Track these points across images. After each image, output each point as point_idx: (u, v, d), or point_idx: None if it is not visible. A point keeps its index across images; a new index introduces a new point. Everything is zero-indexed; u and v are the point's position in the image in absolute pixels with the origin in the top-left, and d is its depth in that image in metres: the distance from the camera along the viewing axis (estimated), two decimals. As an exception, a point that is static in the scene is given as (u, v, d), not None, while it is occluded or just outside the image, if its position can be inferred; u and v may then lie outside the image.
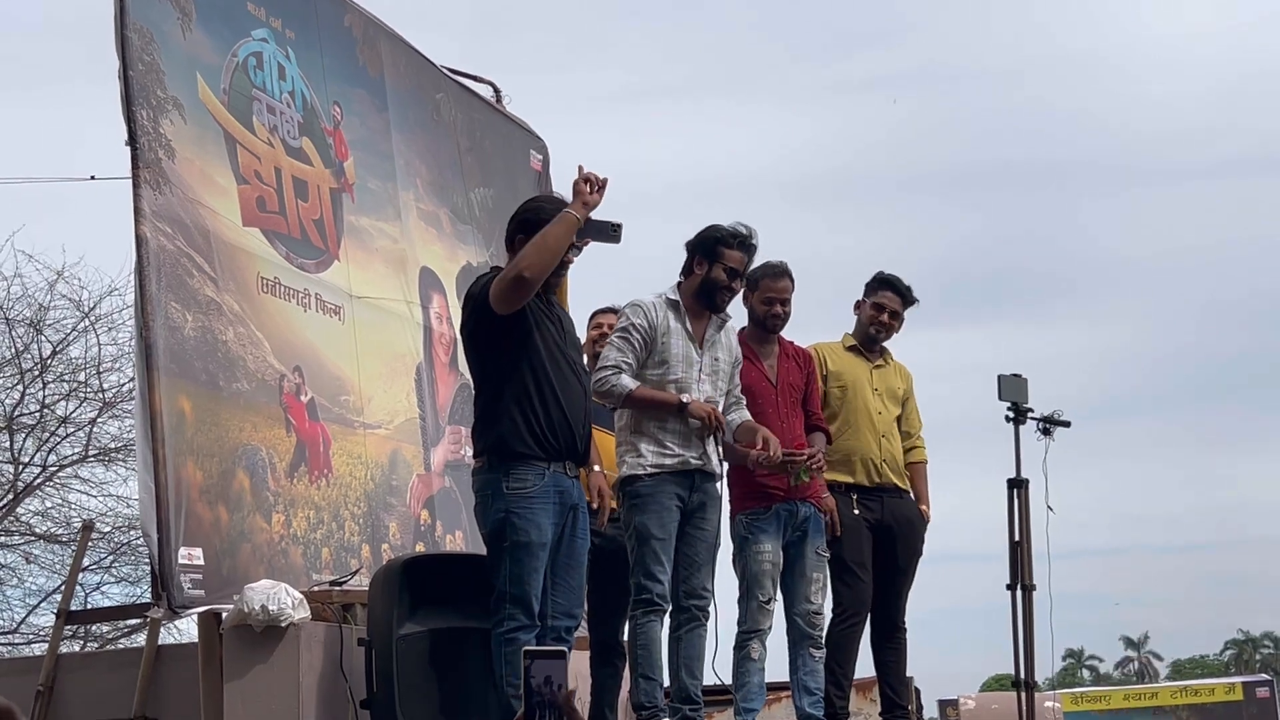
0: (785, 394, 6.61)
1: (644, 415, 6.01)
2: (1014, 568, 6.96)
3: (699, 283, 6.16)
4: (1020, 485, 7.02)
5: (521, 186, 9.72)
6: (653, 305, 6.12)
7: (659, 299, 6.15)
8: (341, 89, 7.79)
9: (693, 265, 6.19)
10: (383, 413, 7.61)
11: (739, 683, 6.33)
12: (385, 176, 8.11)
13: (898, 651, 7.01)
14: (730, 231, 6.14)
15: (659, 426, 6.01)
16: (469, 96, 9.29)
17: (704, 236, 6.17)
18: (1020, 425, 7.05)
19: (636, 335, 6.04)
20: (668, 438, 6.00)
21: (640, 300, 6.15)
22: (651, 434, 6.01)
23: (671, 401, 5.97)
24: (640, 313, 6.09)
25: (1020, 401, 7.06)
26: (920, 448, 7.22)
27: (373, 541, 7.25)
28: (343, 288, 7.42)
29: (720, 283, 6.13)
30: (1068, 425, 7.10)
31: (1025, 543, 6.96)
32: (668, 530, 5.93)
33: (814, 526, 6.54)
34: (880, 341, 7.14)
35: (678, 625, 6.00)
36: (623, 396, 5.96)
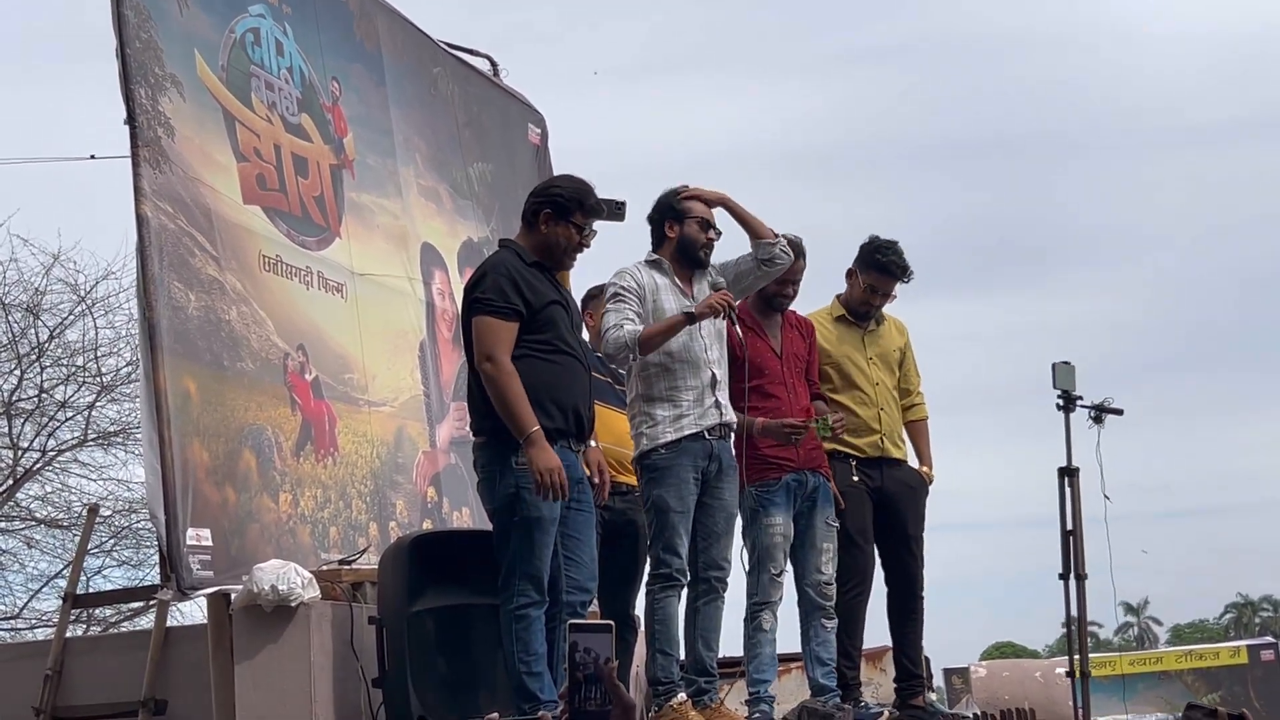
0: (790, 365, 6.57)
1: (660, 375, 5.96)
2: (1066, 557, 6.90)
3: (676, 245, 6.14)
4: (1072, 474, 6.94)
5: (520, 160, 9.68)
6: (637, 268, 6.12)
7: (639, 264, 6.14)
8: (339, 64, 7.74)
9: (664, 231, 6.16)
10: (387, 390, 7.58)
11: (750, 654, 6.30)
12: (385, 152, 8.06)
13: (915, 622, 6.95)
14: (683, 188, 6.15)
15: (671, 387, 5.99)
16: (466, 70, 9.24)
17: (664, 200, 6.16)
18: (1070, 413, 6.97)
19: (630, 295, 6.02)
20: (683, 395, 5.98)
21: (624, 267, 6.14)
22: (665, 396, 5.98)
23: (678, 319, 5.94)
24: (626, 276, 6.09)
25: (1070, 389, 6.98)
26: (920, 404, 7.09)
27: (380, 519, 7.23)
28: (345, 265, 7.38)
29: (698, 240, 6.12)
30: (1120, 413, 7.00)
31: (1078, 531, 6.90)
32: (686, 504, 5.90)
33: (823, 497, 6.51)
34: (872, 316, 7.03)
35: (695, 597, 5.98)
36: (635, 342, 5.90)
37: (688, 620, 6.00)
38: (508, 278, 5.41)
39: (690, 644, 5.98)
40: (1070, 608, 6.90)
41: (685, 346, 6.03)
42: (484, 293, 5.39)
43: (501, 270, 5.44)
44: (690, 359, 6.02)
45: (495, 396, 5.31)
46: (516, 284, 5.41)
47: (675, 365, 6.01)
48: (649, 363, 6.03)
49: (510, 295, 5.39)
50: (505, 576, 5.38)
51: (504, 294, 5.38)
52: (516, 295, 5.40)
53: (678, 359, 6.01)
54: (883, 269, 6.87)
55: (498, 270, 5.44)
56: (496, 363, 5.32)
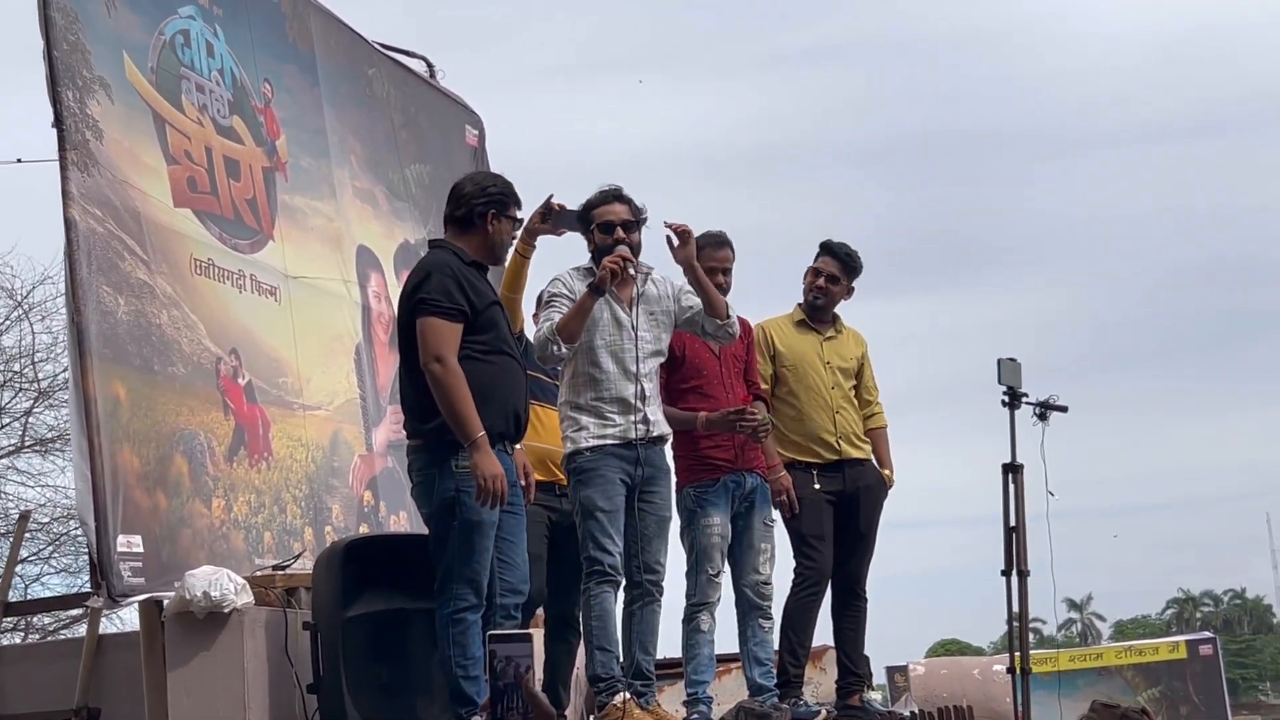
0: (729, 365, 6.57)
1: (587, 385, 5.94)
2: (1009, 554, 6.91)
3: (594, 254, 6.09)
4: (1015, 470, 6.95)
5: (457, 162, 9.63)
6: (570, 275, 6.08)
7: (575, 270, 6.11)
8: (272, 66, 7.68)
9: (586, 242, 6.14)
10: (322, 394, 7.53)
11: (689, 655, 6.30)
12: (319, 154, 8.00)
13: (857, 620, 6.98)
14: (597, 192, 6.08)
15: (597, 398, 5.96)
16: (402, 72, 9.19)
17: (581, 210, 6.10)
18: (1015, 410, 6.98)
19: (562, 299, 5.98)
20: (607, 407, 5.94)
21: (557, 274, 6.13)
22: (590, 406, 5.97)
23: (585, 299, 5.87)
24: (559, 283, 6.08)
25: (1016, 386, 7.00)
26: (879, 413, 7.16)
27: (315, 524, 7.18)
28: (278, 268, 7.32)
29: (603, 244, 6.01)
30: (1065, 410, 7.03)
31: (1021, 528, 6.91)
32: (614, 502, 5.88)
33: (761, 497, 6.51)
34: (824, 309, 7.05)
35: (631, 600, 5.97)
36: (554, 332, 5.84)
37: (624, 625, 5.98)
38: (452, 278, 5.38)
39: (627, 648, 5.96)
40: (1012, 604, 6.92)
41: (615, 357, 5.98)
42: (429, 293, 5.34)
43: (446, 271, 5.40)
44: (618, 371, 5.96)
45: (442, 398, 5.26)
46: (461, 285, 5.38)
47: (602, 376, 5.95)
48: (578, 370, 5.99)
49: (456, 296, 5.36)
50: (442, 580, 5.34)
51: (450, 295, 5.35)
52: (461, 296, 5.36)
53: (604, 370, 5.95)
54: (828, 250, 7.02)
55: (442, 271, 5.40)
56: (445, 364, 5.28)
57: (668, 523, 6.08)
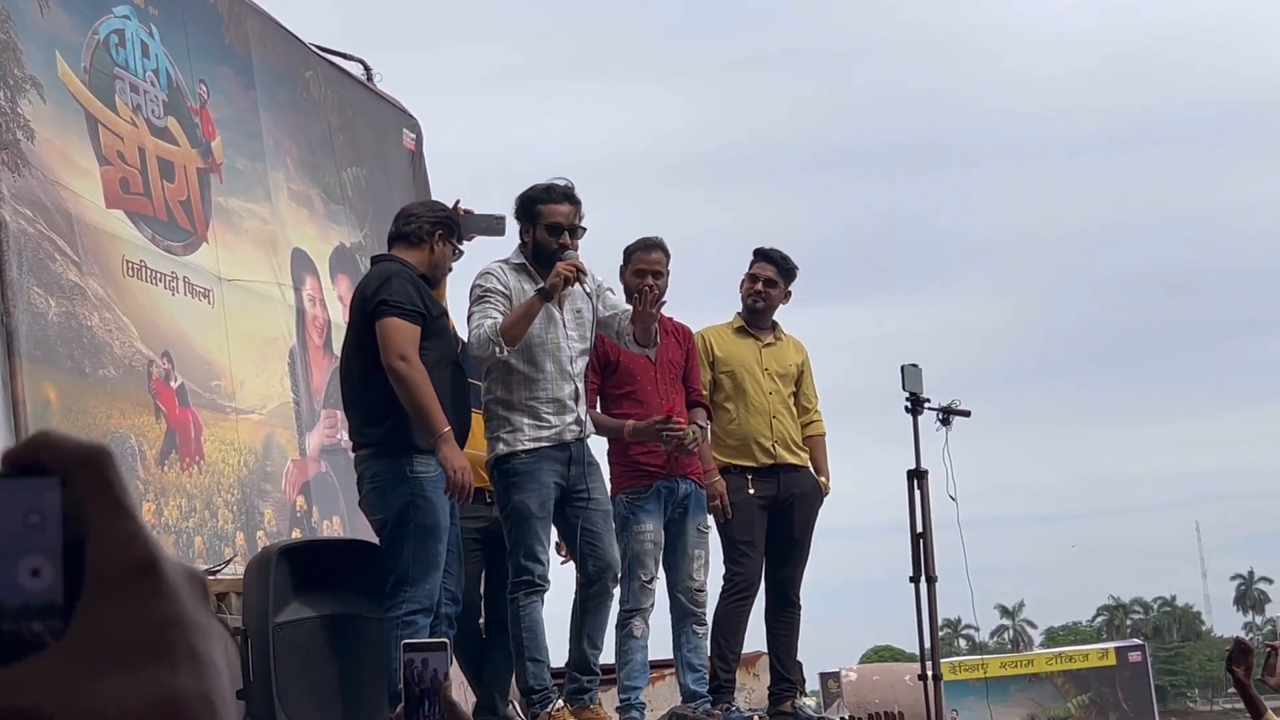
0: (665, 371, 6.56)
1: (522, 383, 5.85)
2: (916, 560, 6.94)
3: (530, 248, 5.91)
4: (920, 476, 6.97)
5: (395, 165, 9.60)
6: (501, 269, 5.89)
7: (504, 264, 5.93)
8: (207, 67, 7.63)
9: (521, 233, 5.96)
10: (255, 398, 7.48)
11: (622, 661, 6.29)
12: (254, 156, 7.95)
13: (790, 627, 6.99)
14: (544, 187, 5.89)
15: (532, 398, 5.86)
16: (339, 75, 9.16)
17: (522, 199, 5.92)
18: (918, 415, 7.01)
19: (496, 295, 5.85)
20: (543, 408, 5.85)
21: (488, 267, 5.92)
22: (525, 406, 5.85)
23: (533, 301, 5.71)
24: (491, 278, 5.87)
25: (918, 392, 7.02)
26: (818, 421, 7.17)
27: (247, 529, 7.13)
28: (211, 270, 7.27)
29: (547, 245, 5.85)
30: (967, 415, 7.06)
31: (928, 534, 6.93)
32: (547, 509, 5.81)
33: (695, 503, 6.51)
34: (763, 314, 7.07)
35: (586, 598, 5.89)
36: (497, 333, 5.72)
37: (575, 618, 5.92)
38: (412, 284, 5.43)
39: (575, 641, 5.91)
40: (922, 610, 6.94)
41: (552, 355, 5.92)
42: (393, 295, 5.37)
43: (406, 276, 5.45)
44: (555, 370, 5.88)
45: (407, 395, 5.28)
46: (419, 291, 5.44)
47: (538, 375, 5.85)
48: (513, 368, 5.88)
49: (416, 300, 5.41)
50: (395, 585, 5.33)
51: (411, 298, 5.39)
52: (420, 301, 5.42)
53: (541, 368, 5.88)
54: (763, 255, 7.05)
55: (402, 276, 5.44)
56: (410, 362, 5.31)
57: (610, 515, 6.02)
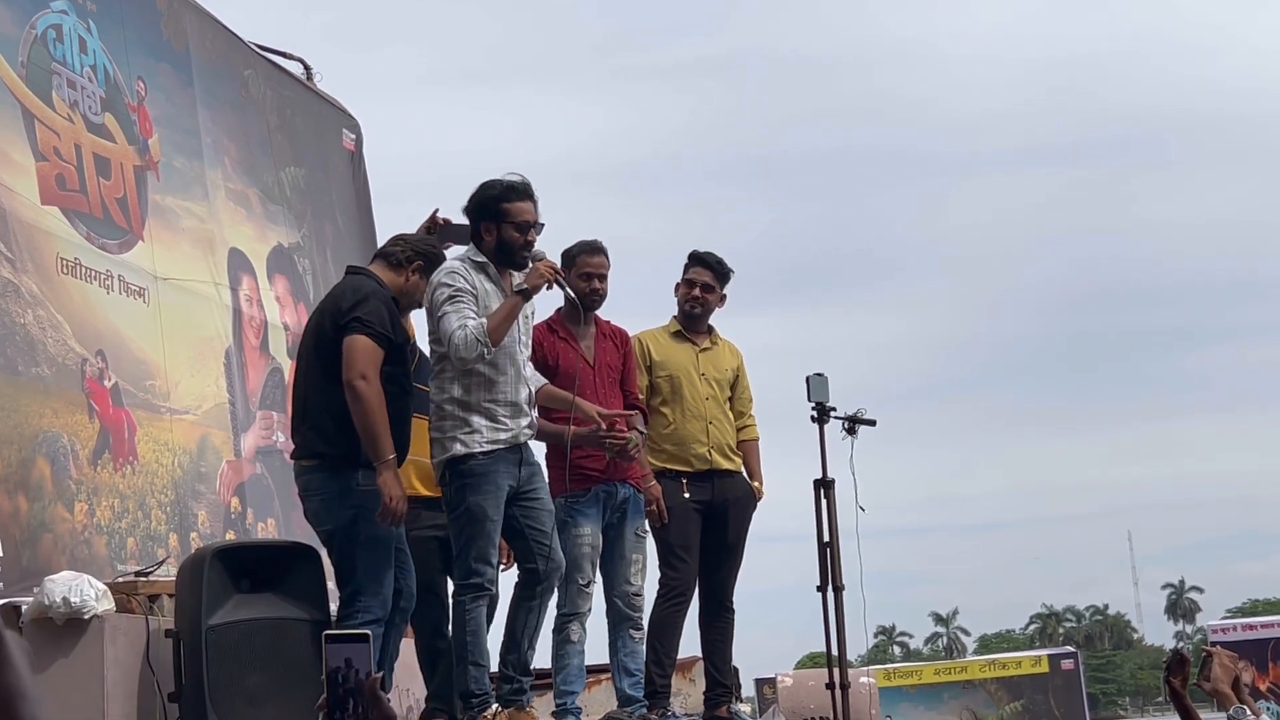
0: (603, 374, 6.55)
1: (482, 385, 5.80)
2: (824, 569, 6.95)
3: (494, 247, 5.85)
4: (827, 486, 6.98)
5: (334, 166, 9.55)
6: (464, 268, 5.83)
7: (464, 262, 5.87)
8: (146, 64, 7.56)
9: (480, 232, 5.88)
10: (190, 398, 7.42)
11: (558, 665, 6.27)
12: (192, 154, 7.89)
13: (724, 632, 7.00)
14: (507, 185, 5.83)
15: (491, 400, 5.82)
16: (279, 74, 9.09)
17: (482, 198, 5.86)
18: (824, 425, 7.02)
19: (465, 294, 5.80)
20: (500, 410, 5.81)
21: (451, 266, 5.85)
22: (482, 408, 5.81)
23: (516, 302, 5.74)
24: (457, 277, 5.80)
25: (824, 401, 7.03)
26: (751, 425, 7.18)
27: (181, 530, 7.06)
28: (147, 269, 7.20)
29: (515, 243, 5.83)
30: (873, 424, 7.08)
31: (835, 543, 6.94)
32: (500, 512, 5.78)
33: (633, 508, 6.50)
34: (700, 319, 7.07)
35: (530, 596, 5.85)
36: (485, 334, 5.64)
37: (514, 618, 5.88)
38: (386, 307, 5.56)
39: (514, 640, 5.86)
40: (829, 622, 6.95)
41: (512, 358, 5.85)
42: (365, 314, 5.47)
43: (381, 298, 5.57)
44: (514, 372, 5.84)
45: (361, 414, 5.38)
46: (391, 316, 5.57)
47: (498, 378, 5.80)
48: (474, 369, 5.82)
49: (387, 324, 5.52)
50: (350, 595, 5.44)
51: (384, 321, 5.51)
52: (390, 327, 5.53)
53: (502, 372, 5.81)
54: (699, 260, 7.03)
55: (379, 297, 5.56)
56: (370, 382, 5.42)
57: (554, 514, 6.02)
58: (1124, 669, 73.66)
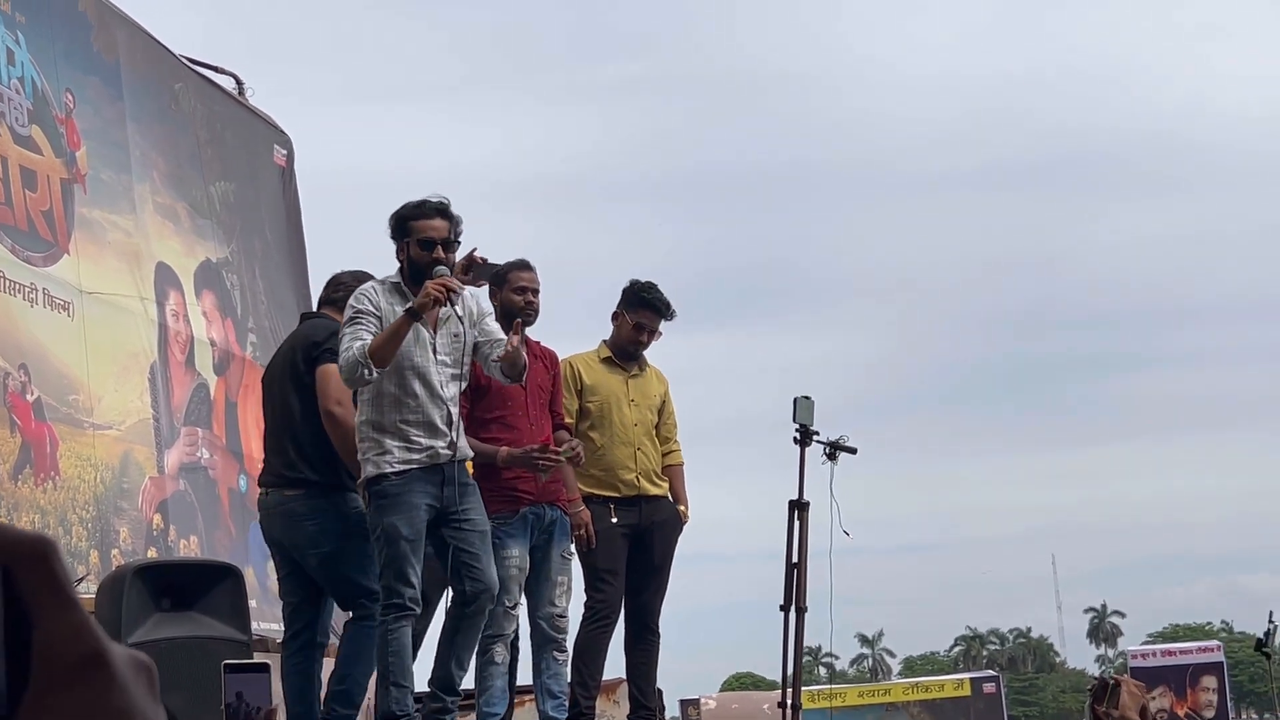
0: (535, 396, 6.55)
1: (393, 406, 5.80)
2: (789, 589, 6.98)
3: (405, 266, 5.82)
4: (802, 508, 7.02)
5: (264, 180, 9.51)
6: (375, 290, 5.80)
7: (382, 284, 5.84)
8: (75, 76, 7.50)
9: (396, 253, 5.86)
10: (114, 413, 7.35)
11: (481, 687, 6.25)
12: (120, 168, 7.83)
13: (649, 654, 7.02)
14: (416, 203, 5.80)
15: (403, 421, 5.81)
16: (210, 88, 9.05)
17: (394, 216, 5.84)
18: (806, 448, 7.07)
19: (368, 316, 5.79)
20: (413, 430, 5.79)
21: (361, 288, 5.83)
22: (395, 428, 5.80)
23: (401, 320, 5.62)
24: (364, 299, 5.80)
25: (809, 424, 7.08)
26: (676, 451, 7.23)
27: (102, 547, 7.00)
28: (72, 283, 7.14)
29: (421, 260, 5.77)
30: (854, 451, 7.14)
31: (803, 565, 6.98)
32: (417, 530, 5.75)
33: (560, 530, 6.51)
34: (639, 356, 7.12)
35: (460, 617, 5.84)
36: (365, 354, 5.64)
37: (445, 637, 5.87)
38: None
39: (443, 660, 5.85)
40: (789, 640, 7.01)
41: (421, 378, 5.87)
42: (338, 347, 5.61)
43: None
44: (425, 394, 5.80)
45: (341, 437, 5.67)
46: None
47: (407, 399, 5.78)
48: (383, 390, 5.82)
49: None
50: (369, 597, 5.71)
51: None
52: None
53: (410, 392, 5.80)
54: (650, 305, 7.01)
55: None
56: (346, 407, 5.67)
57: (489, 535, 5.97)
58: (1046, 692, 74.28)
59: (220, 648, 5.50)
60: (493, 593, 5.89)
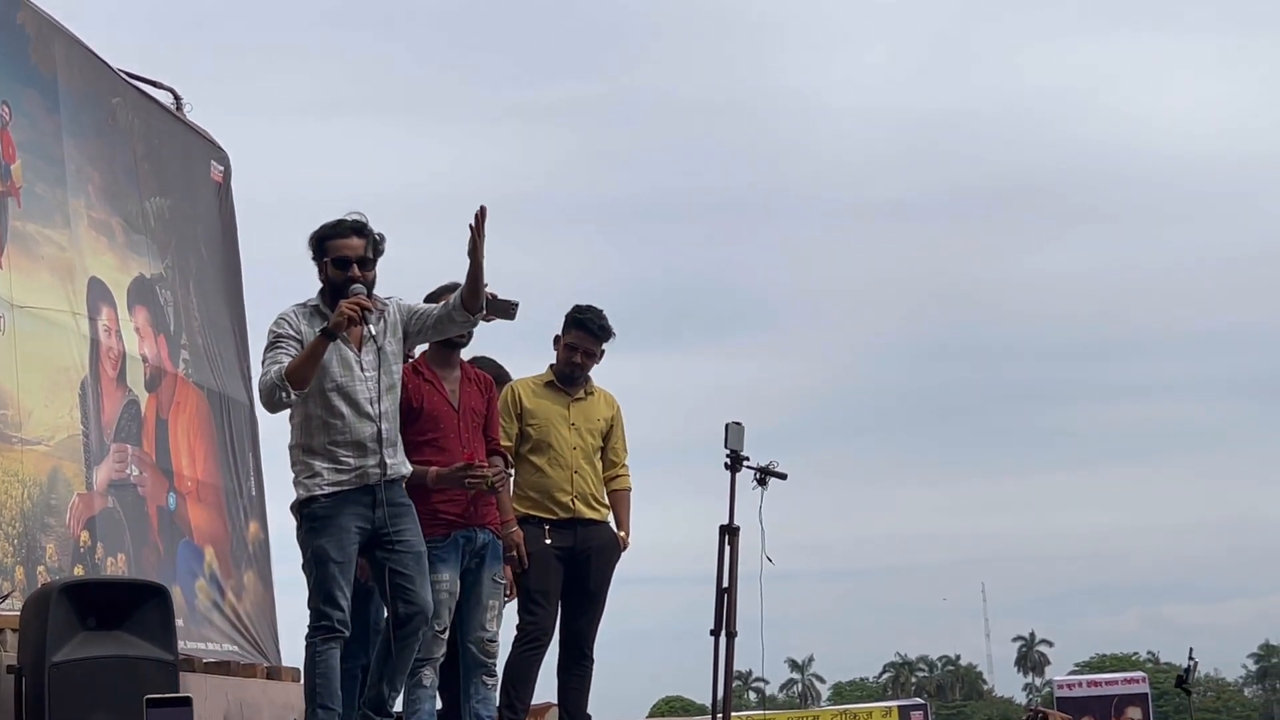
0: (467, 418, 6.54)
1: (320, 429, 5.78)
2: (719, 614, 7.01)
3: (326, 287, 5.82)
4: (733, 533, 7.06)
5: (201, 196, 9.47)
6: (295, 314, 5.81)
7: (301, 308, 5.85)
8: (11, 88, 7.45)
9: (318, 274, 5.86)
10: (43, 428, 7.28)
11: (409, 710, 6.23)
12: (55, 182, 7.77)
13: (582, 680, 7.03)
14: (333, 222, 5.80)
15: (331, 442, 5.80)
16: (148, 103, 9.00)
17: (312, 236, 5.83)
18: (736, 473, 7.10)
19: (288, 340, 5.75)
20: (342, 451, 5.77)
21: (282, 313, 5.83)
22: (324, 450, 5.78)
23: (317, 341, 5.63)
24: (284, 323, 5.78)
25: (739, 449, 7.12)
26: (623, 475, 7.22)
27: (28, 564, 6.93)
28: (3, 296, 7.08)
29: (337, 280, 5.77)
30: (784, 477, 7.18)
31: (734, 589, 7.01)
32: (347, 553, 5.74)
33: (491, 554, 6.50)
34: (578, 378, 7.12)
35: (393, 638, 5.82)
36: (282, 377, 5.61)
37: (379, 657, 5.86)
38: None
39: (375, 680, 5.84)
40: (719, 665, 7.04)
41: (347, 398, 5.82)
42: None
43: None
44: (352, 413, 5.79)
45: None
46: None
47: (334, 420, 5.78)
48: (310, 413, 5.81)
49: None
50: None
51: None
52: None
53: (336, 413, 5.78)
54: (580, 325, 7.03)
55: None
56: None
57: (424, 557, 5.94)
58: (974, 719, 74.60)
59: (146, 667, 5.47)
60: (427, 615, 5.88)
